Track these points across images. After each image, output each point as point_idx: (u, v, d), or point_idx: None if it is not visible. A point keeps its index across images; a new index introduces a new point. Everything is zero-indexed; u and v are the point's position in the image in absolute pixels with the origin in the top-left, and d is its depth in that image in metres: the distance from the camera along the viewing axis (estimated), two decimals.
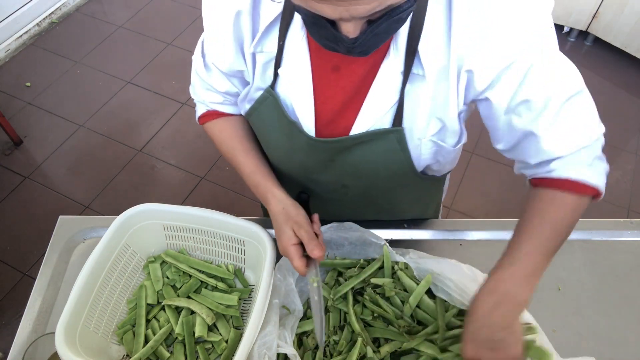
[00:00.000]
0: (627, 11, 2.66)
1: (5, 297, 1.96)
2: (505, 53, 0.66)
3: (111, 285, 0.92)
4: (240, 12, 0.72)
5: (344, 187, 0.91)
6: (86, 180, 2.34)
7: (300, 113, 0.78)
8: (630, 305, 0.99)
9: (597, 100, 0.78)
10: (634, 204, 2.28)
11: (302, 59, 0.74)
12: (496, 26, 0.65)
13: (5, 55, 2.89)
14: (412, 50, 0.68)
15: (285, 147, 0.84)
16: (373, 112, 0.75)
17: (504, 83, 0.68)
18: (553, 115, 0.70)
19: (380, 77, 0.72)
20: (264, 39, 0.74)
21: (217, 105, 0.91)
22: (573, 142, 0.72)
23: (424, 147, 0.78)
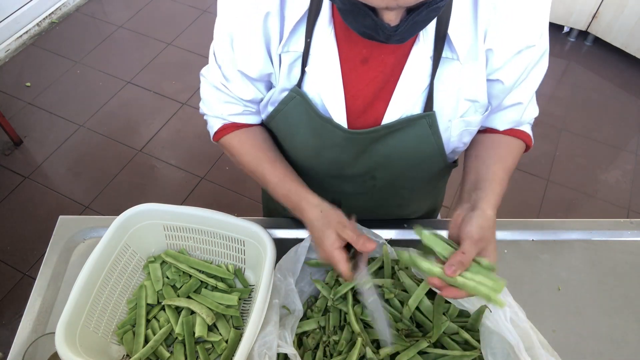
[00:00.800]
0: (627, 11, 2.66)
1: (5, 297, 1.96)
2: (523, 37, 0.72)
3: (111, 285, 0.92)
4: (269, 13, 0.72)
5: (372, 179, 0.92)
6: (86, 180, 2.34)
7: (331, 108, 0.78)
8: (630, 305, 0.99)
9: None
10: (634, 204, 2.28)
11: (330, 54, 0.74)
12: (518, 10, 0.70)
13: (5, 55, 2.89)
14: (442, 35, 0.71)
15: (315, 145, 0.84)
16: (404, 100, 0.76)
17: (516, 64, 0.75)
18: (532, 90, 0.84)
19: (410, 64, 0.74)
20: (291, 38, 0.74)
21: (235, 117, 0.89)
22: (534, 111, 0.90)
23: (454, 128, 0.81)
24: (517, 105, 0.84)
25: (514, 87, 0.80)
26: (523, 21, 0.71)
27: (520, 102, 0.83)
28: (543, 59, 0.79)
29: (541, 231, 1.09)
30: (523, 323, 0.83)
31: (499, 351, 0.82)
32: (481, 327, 0.86)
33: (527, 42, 0.73)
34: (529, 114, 0.89)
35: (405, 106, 0.77)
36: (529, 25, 0.72)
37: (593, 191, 2.33)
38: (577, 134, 2.57)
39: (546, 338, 0.84)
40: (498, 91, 0.80)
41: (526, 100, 0.84)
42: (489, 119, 0.88)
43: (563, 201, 2.30)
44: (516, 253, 1.06)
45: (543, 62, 0.80)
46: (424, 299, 0.90)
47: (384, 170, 0.89)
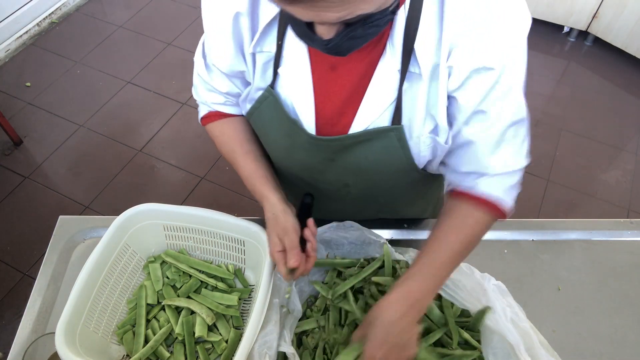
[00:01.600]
0: (627, 11, 2.66)
1: (5, 297, 1.96)
2: (483, 55, 0.67)
3: (111, 285, 0.92)
4: (240, 13, 0.73)
5: (345, 187, 0.91)
6: (86, 180, 2.34)
7: (301, 111, 0.78)
8: (630, 305, 0.99)
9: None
10: (634, 204, 2.28)
11: (301, 58, 0.75)
12: (480, 29, 0.66)
13: (5, 55, 2.89)
14: (409, 49, 0.69)
15: (286, 146, 0.85)
16: (371, 111, 0.75)
17: (474, 86, 0.70)
18: (499, 133, 0.74)
19: (378, 76, 0.73)
20: (263, 39, 0.75)
21: (219, 106, 0.91)
22: (507, 163, 0.76)
23: (423, 143, 0.78)
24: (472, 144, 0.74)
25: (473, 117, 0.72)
26: (485, 39, 0.66)
27: (476, 140, 0.74)
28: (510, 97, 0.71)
29: (541, 231, 1.09)
30: (523, 323, 0.83)
31: (499, 351, 0.82)
32: (482, 327, 0.86)
33: (484, 61, 0.67)
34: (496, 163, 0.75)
35: (372, 117, 0.76)
36: (490, 46, 0.67)
37: (593, 191, 2.33)
38: (577, 134, 2.57)
39: (546, 338, 0.84)
40: (455, 111, 0.73)
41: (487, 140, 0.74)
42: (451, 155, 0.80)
43: (563, 201, 2.30)
44: (516, 253, 1.06)
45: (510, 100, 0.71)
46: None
47: (356, 178, 0.88)
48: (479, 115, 0.72)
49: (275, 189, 0.87)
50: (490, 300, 0.84)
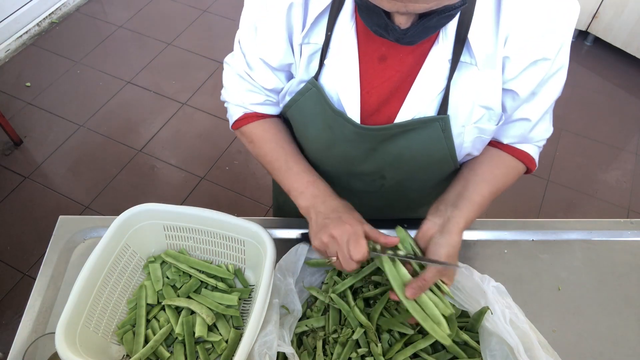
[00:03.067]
0: (627, 11, 2.66)
1: (5, 297, 1.96)
2: (541, 47, 0.71)
3: (111, 285, 0.92)
4: (293, 3, 0.73)
5: (381, 178, 0.92)
6: (86, 180, 2.34)
7: (346, 103, 0.78)
8: (630, 305, 0.99)
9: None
10: (634, 204, 2.28)
11: (349, 49, 0.75)
12: (540, 19, 0.69)
13: (5, 55, 2.89)
14: (462, 39, 0.70)
15: (327, 138, 0.85)
16: (419, 101, 0.76)
17: (530, 75, 0.74)
18: (544, 110, 0.82)
19: (428, 66, 0.74)
20: (313, 30, 0.75)
21: (257, 107, 0.89)
22: (543, 135, 0.88)
23: (467, 134, 0.80)
24: (524, 120, 0.82)
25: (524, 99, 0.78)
26: (543, 31, 0.70)
27: (528, 118, 0.81)
28: (558, 75, 0.76)
29: (541, 231, 1.09)
30: (522, 324, 0.83)
31: (498, 353, 0.82)
32: (480, 328, 0.86)
33: (544, 53, 0.71)
34: (538, 134, 0.86)
35: (419, 107, 0.76)
36: (548, 37, 0.70)
37: (593, 191, 2.33)
38: (577, 134, 2.57)
39: (546, 338, 0.84)
40: (511, 101, 0.78)
41: (535, 117, 0.81)
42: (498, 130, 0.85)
43: (563, 201, 2.30)
44: (516, 253, 1.06)
45: (558, 78, 0.77)
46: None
47: (393, 169, 0.89)
48: (530, 96, 0.78)
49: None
50: (490, 302, 0.84)
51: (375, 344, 0.86)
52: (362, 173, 0.91)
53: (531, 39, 0.70)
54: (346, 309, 0.89)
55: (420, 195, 1.02)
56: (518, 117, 0.81)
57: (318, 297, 0.92)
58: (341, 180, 0.95)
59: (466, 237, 1.07)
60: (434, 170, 0.89)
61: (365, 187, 0.96)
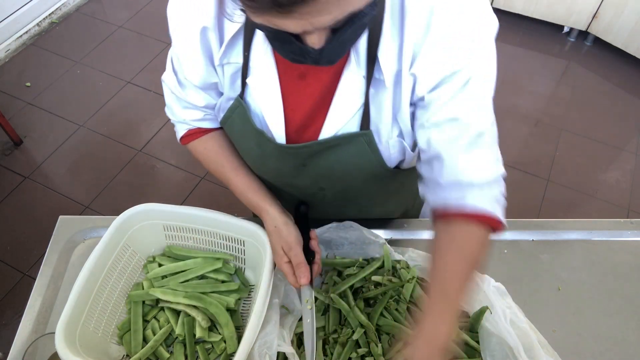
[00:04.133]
0: (627, 11, 2.66)
1: (5, 297, 1.96)
2: (451, 61, 0.67)
3: (111, 285, 0.92)
4: (206, 27, 0.73)
5: (321, 190, 0.92)
6: (86, 180, 2.34)
7: (270, 121, 0.78)
8: (630, 305, 0.99)
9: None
10: (634, 204, 2.28)
11: (268, 68, 0.75)
12: (445, 34, 0.66)
13: (5, 55, 2.89)
14: (373, 56, 0.69)
15: (257, 154, 0.85)
16: (339, 117, 0.76)
17: (443, 91, 0.69)
18: (472, 138, 0.70)
19: (344, 83, 0.73)
20: (230, 50, 0.75)
21: (198, 122, 0.90)
22: (484, 171, 0.72)
23: (392, 147, 0.79)
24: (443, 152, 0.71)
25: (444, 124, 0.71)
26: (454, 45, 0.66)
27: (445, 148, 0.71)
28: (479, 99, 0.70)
29: (541, 231, 1.09)
30: (522, 324, 0.83)
31: (498, 353, 0.82)
32: (480, 329, 0.86)
33: (454, 67, 0.67)
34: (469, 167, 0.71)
35: (340, 123, 0.76)
36: (457, 50, 0.66)
37: (593, 191, 2.33)
38: (577, 134, 2.57)
39: (546, 338, 0.84)
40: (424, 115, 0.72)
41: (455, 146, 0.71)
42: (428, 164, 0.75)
43: (563, 201, 2.30)
44: (516, 253, 1.06)
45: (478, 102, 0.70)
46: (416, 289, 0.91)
47: (329, 181, 0.88)
48: (450, 122, 0.70)
49: (272, 201, 0.88)
50: (490, 302, 0.84)
51: (375, 344, 0.86)
52: (300, 186, 0.91)
53: (438, 55, 0.67)
54: (346, 309, 0.89)
55: (368, 200, 1.01)
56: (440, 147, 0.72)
57: (318, 297, 0.92)
58: (284, 191, 0.95)
59: None
60: (371, 179, 0.87)
61: (308, 198, 0.96)
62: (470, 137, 0.70)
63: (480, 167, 0.72)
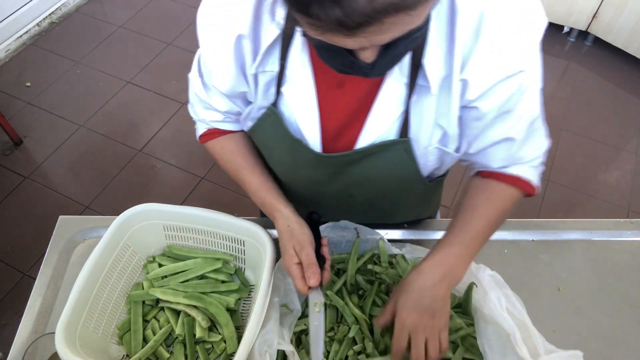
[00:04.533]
0: (627, 11, 2.66)
1: (5, 297, 1.96)
2: (506, 66, 0.68)
3: (111, 285, 0.92)
4: (242, 36, 0.72)
5: (350, 197, 0.91)
6: (86, 180, 2.34)
7: (306, 129, 0.78)
8: (630, 305, 0.99)
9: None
10: (634, 204, 2.28)
11: (305, 77, 0.74)
12: (497, 37, 0.66)
13: (5, 55, 2.89)
14: (417, 63, 0.69)
15: (289, 162, 0.85)
16: (378, 125, 0.75)
17: (496, 95, 0.71)
18: (528, 125, 0.77)
19: (385, 90, 0.73)
20: (266, 59, 0.74)
21: (217, 124, 0.90)
22: (534, 153, 0.81)
23: (430, 154, 0.79)
24: (507, 141, 0.77)
25: (496, 118, 0.75)
26: (506, 49, 0.67)
27: (510, 137, 0.77)
28: (530, 91, 0.73)
29: (541, 231, 1.09)
30: (520, 314, 0.83)
31: (494, 342, 0.82)
32: (475, 314, 0.86)
33: (508, 71, 0.69)
34: (529, 153, 0.81)
35: (379, 131, 0.76)
36: (512, 54, 0.67)
37: (593, 191, 2.33)
38: (577, 134, 2.57)
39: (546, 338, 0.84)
40: (474, 119, 0.75)
41: (518, 135, 0.77)
42: (482, 154, 0.81)
43: (563, 201, 2.30)
44: (516, 253, 1.06)
45: (529, 93, 0.73)
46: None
47: (361, 188, 0.88)
48: (503, 116, 0.74)
49: (286, 202, 0.87)
50: (484, 290, 0.85)
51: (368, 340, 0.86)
52: (330, 193, 0.91)
53: (492, 60, 0.68)
54: (341, 305, 0.90)
55: (392, 206, 1.01)
56: (498, 138, 0.77)
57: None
58: (311, 198, 0.95)
59: None
60: (403, 188, 0.88)
61: (335, 204, 0.96)
62: (523, 128, 0.76)
63: (532, 152, 0.81)
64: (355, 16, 0.45)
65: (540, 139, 0.82)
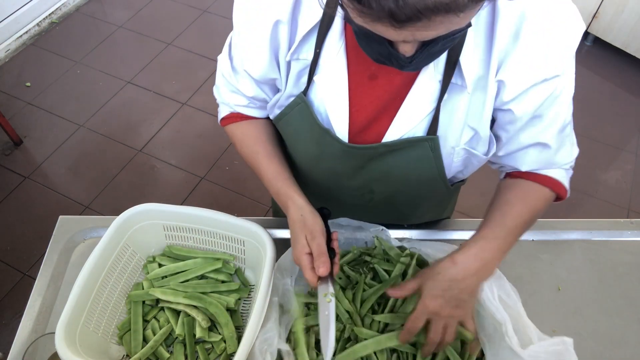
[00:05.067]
0: (627, 11, 2.66)
1: (5, 297, 1.96)
2: (542, 69, 0.69)
3: (111, 285, 0.92)
4: (280, 21, 0.72)
5: (369, 193, 0.91)
6: (86, 180, 2.34)
7: (334, 120, 0.78)
8: (630, 305, 0.99)
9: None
10: (634, 204, 2.28)
11: (339, 67, 0.74)
12: (536, 41, 0.67)
13: (5, 55, 2.89)
14: (453, 61, 0.69)
15: (315, 153, 0.84)
16: (408, 120, 0.75)
17: (531, 98, 0.71)
18: (559, 131, 0.78)
19: (418, 86, 0.73)
20: (301, 46, 0.74)
21: (241, 108, 0.90)
22: (565, 159, 0.83)
23: (456, 155, 0.79)
24: (538, 145, 0.78)
25: (529, 122, 0.75)
26: (544, 53, 0.67)
27: (545, 143, 0.78)
28: (563, 96, 0.73)
29: (541, 231, 1.09)
30: (515, 304, 0.83)
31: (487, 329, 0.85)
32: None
33: (545, 74, 0.69)
34: (561, 158, 0.82)
35: (408, 127, 0.76)
36: (549, 58, 0.68)
37: (593, 191, 2.33)
38: (577, 134, 2.56)
39: None
40: (507, 122, 0.76)
41: (549, 140, 0.77)
42: (512, 157, 0.82)
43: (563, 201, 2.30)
44: (516, 253, 1.05)
45: (563, 99, 0.74)
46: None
47: (382, 185, 0.88)
48: (535, 119, 0.75)
49: (300, 192, 0.86)
50: None
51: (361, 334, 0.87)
52: (351, 187, 0.91)
53: (529, 63, 0.68)
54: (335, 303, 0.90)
55: (410, 207, 1.01)
56: (530, 142, 0.78)
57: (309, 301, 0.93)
58: (330, 192, 0.95)
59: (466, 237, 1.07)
60: (424, 187, 0.88)
61: (353, 200, 0.96)
62: (554, 137, 0.78)
63: (563, 158, 0.83)
64: (407, 9, 0.46)
65: (572, 146, 0.83)
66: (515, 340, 0.78)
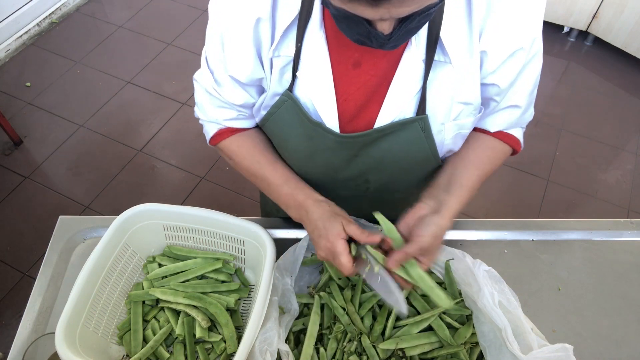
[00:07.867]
0: (627, 11, 2.67)
1: (5, 297, 1.96)
2: (517, 38, 0.72)
3: (111, 285, 0.92)
4: (260, 19, 0.72)
5: (365, 182, 0.92)
6: (86, 180, 2.34)
7: (323, 112, 0.78)
8: (630, 305, 0.99)
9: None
10: (634, 204, 2.28)
11: (321, 59, 0.74)
12: (512, 11, 0.70)
13: (5, 55, 2.89)
14: (434, 39, 0.71)
15: (307, 149, 0.84)
16: (397, 103, 0.76)
17: (511, 66, 0.75)
18: (526, 92, 0.82)
19: (403, 68, 0.74)
20: (282, 42, 0.74)
21: (230, 122, 0.88)
22: (530, 116, 0.89)
23: (447, 131, 0.81)
24: (512, 108, 0.84)
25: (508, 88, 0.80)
26: (517, 22, 0.71)
27: (516, 104, 0.83)
28: (535, 60, 0.79)
29: (541, 231, 1.09)
30: (515, 309, 0.83)
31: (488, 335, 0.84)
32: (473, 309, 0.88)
33: (520, 43, 0.73)
34: (527, 117, 0.89)
35: (398, 109, 0.77)
36: (522, 27, 0.72)
37: (593, 191, 2.33)
38: (577, 134, 2.57)
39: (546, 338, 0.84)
40: (493, 94, 0.80)
41: (523, 103, 0.83)
42: (484, 121, 0.87)
43: (563, 201, 2.30)
44: (516, 253, 1.06)
45: (535, 62, 0.79)
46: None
47: (377, 173, 0.89)
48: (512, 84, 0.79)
49: (314, 190, 0.87)
50: (478, 285, 0.85)
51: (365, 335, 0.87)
52: (346, 179, 0.91)
53: (506, 31, 0.71)
54: (334, 305, 0.91)
55: (405, 195, 1.02)
56: (505, 105, 0.83)
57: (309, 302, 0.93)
58: (326, 186, 0.94)
59: (466, 237, 1.08)
60: (417, 170, 0.90)
61: (350, 192, 0.96)
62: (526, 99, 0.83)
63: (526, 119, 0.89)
64: None
65: (532, 108, 0.89)
66: (516, 345, 0.78)
